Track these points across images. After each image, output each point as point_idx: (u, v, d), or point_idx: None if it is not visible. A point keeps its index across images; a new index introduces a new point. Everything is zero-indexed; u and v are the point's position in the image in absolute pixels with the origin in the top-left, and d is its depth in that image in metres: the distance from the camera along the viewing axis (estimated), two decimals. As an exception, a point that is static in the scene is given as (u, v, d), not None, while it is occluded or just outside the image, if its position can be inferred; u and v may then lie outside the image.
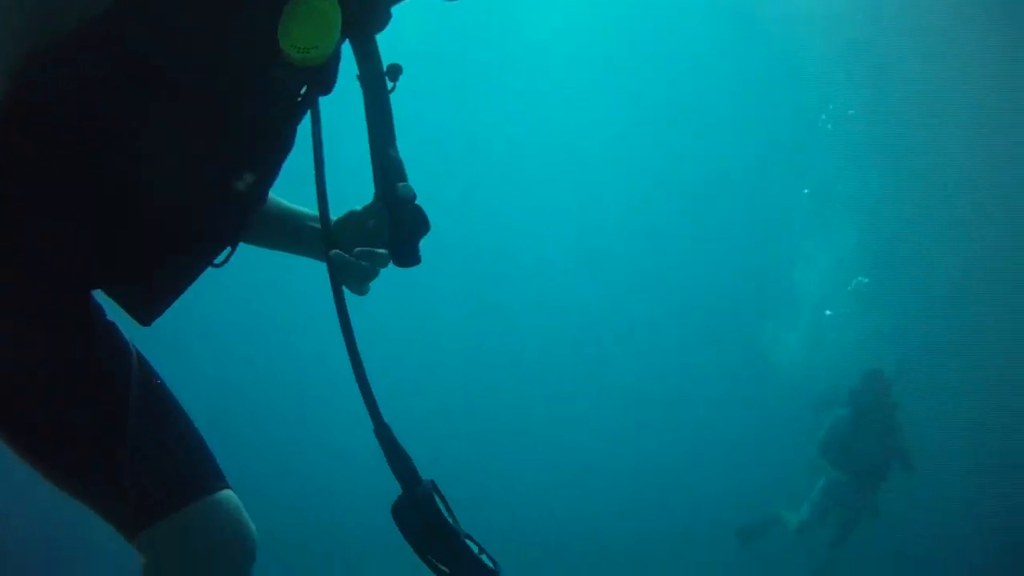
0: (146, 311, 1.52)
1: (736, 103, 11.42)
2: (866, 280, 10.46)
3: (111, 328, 1.51)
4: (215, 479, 1.50)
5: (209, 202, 1.49)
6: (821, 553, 8.06)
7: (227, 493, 1.50)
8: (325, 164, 1.57)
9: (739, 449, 10.31)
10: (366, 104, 1.63)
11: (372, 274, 1.63)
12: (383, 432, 1.49)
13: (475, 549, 1.47)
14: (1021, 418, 9.25)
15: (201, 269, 1.56)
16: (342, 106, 1.67)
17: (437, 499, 1.47)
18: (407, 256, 1.64)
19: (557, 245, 11.75)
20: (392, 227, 1.62)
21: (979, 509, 9.05)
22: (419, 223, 1.63)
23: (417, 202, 1.62)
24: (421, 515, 1.45)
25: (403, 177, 1.62)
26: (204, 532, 1.44)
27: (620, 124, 11.67)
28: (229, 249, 1.58)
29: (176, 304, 1.59)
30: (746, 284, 11.16)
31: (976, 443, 9.28)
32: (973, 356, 9.79)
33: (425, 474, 1.52)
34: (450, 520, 1.46)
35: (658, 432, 10.82)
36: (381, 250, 1.63)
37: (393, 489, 1.51)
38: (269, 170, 1.58)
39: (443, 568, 1.45)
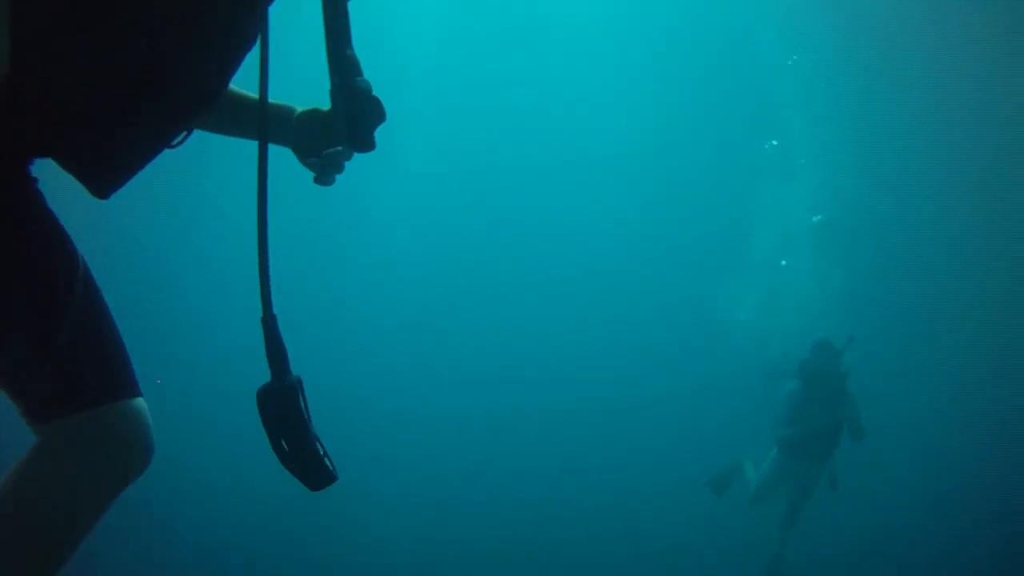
0: (99, 184, 1.54)
1: (701, 58, 11.16)
2: (820, 218, 10.36)
3: (57, 223, 1.53)
4: (134, 387, 1.54)
5: (172, 81, 1.52)
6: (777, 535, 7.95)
7: (142, 401, 1.55)
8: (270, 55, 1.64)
9: (700, 401, 10.25)
10: (324, 6, 1.71)
11: (330, 169, 1.80)
12: (270, 321, 1.58)
13: (321, 451, 1.56)
14: (977, 382, 9.15)
15: (158, 149, 1.59)
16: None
17: (300, 395, 1.56)
18: (363, 143, 1.75)
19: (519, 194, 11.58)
20: (348, 117, 1.72)
21: (937, 486, 9.00)
22: (376, 113, 1.73)
23: (374, 94, 1.73)
24: (281, 403, 1.54)
25: (359, 73, 1.72)
26: (119, 432, 1.48)
27: (586, 72, 11.50)
28: (185, 132, 1.63)
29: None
30: (708, 238, 11.08)
31: (935, 411, 9.17)
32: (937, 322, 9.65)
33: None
34: (305, 416, 1.55)
35: (619, 390, 10.72)
36: (336, 148, 1.78)
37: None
38: (231, 57, 1.64)
39: (289, 457, 1.54)
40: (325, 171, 1.81)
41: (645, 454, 10.19)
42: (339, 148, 1.78)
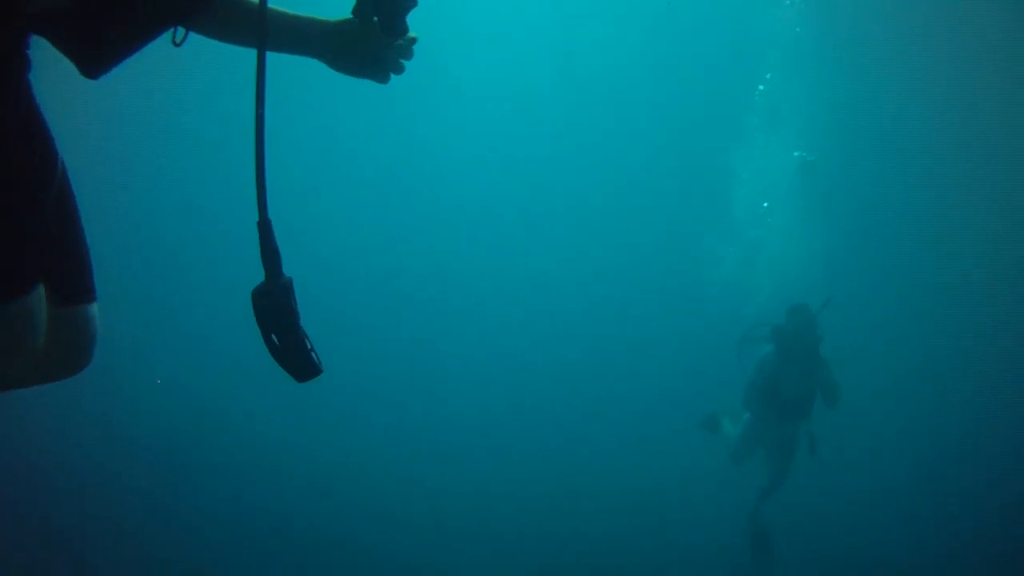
0: (91, 64, 1.54)
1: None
2: (799, 154, 10.18)
3: (43, 120, 1.50)
4: (93, 292, 1.64)
5: None
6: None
7: (96, 307, 1.65)
8: None
9: (683, 354, 10.17)
10: None
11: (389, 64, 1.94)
12: (265, 225, 1.67)
13: (308, 346, 1.68)
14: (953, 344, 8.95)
15: (153, 35, 1.58)
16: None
17: (291, 294, 1.66)
18: (395, 28, 1.87)
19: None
20: (377, 4, 1.84)
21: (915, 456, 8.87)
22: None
23: None
24: (273, 300, 1.64)
25: None
26: (78, 332, 1.58)
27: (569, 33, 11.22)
28: (184, 31, 1.63)
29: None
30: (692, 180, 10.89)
31: (916, 373, 9.01)
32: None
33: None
34: (295, 313, 1.66)
35: (603, 341, 10.73)
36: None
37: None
38: None
39: (279, 351, 1.66)
40: (381, 67, 1.93)
41: (630, 409, 10.12)
42: (381, 40, 1.88)
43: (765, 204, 10.35)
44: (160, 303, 10.18)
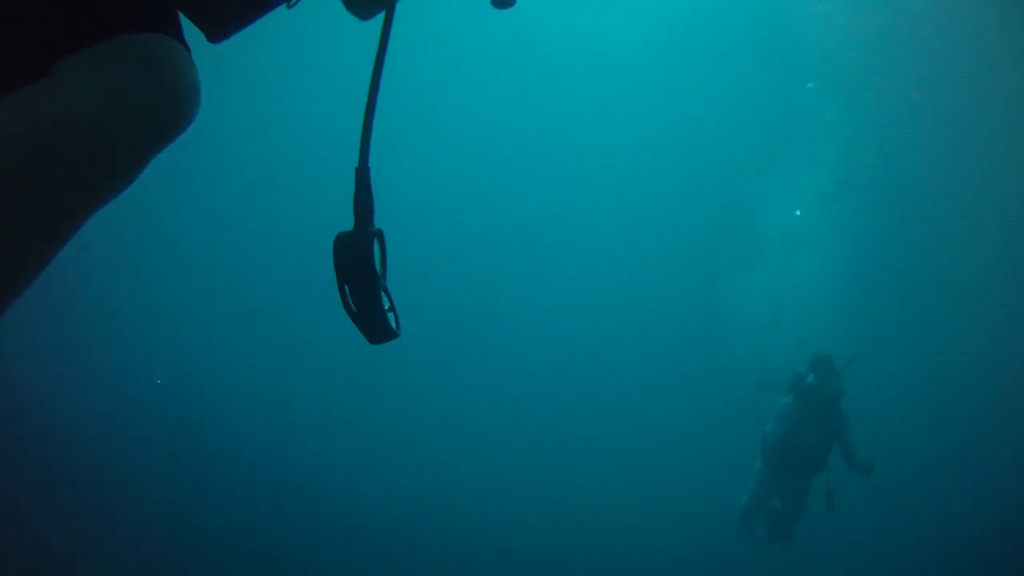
0: (215, 29, 1.48)
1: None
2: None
3: None
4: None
5: None
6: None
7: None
8: None
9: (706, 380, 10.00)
10: None
11: None
12: (363, 171, 1.59)
13: (387, 304, 1.55)
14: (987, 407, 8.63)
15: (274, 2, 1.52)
16: None
17: (376, 245, 1.56)
18: None
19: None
20: None
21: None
22: None
23: None
24: (354, 250, 1.54)
25: None
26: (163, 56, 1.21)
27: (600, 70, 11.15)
28: None
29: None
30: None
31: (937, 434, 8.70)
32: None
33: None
34: (377, 267, 1.54)
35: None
36: None
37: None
38: None
39: (352, 305, 1.53)
40: None
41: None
42: None
43: (798, 212, 10.10)
44: (159, 303, 10.07)
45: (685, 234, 10.94)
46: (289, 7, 1.55)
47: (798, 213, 10.11)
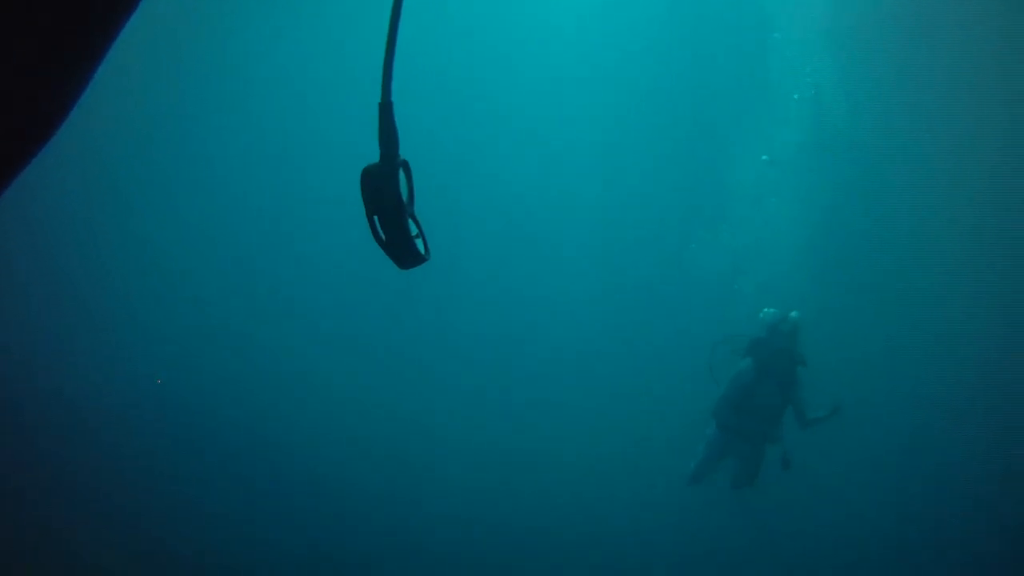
0: None
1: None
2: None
3: None
4: None
5: None
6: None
7: None
8: None
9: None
10: None
11: None
12: (386, 107, 1.63)
13: (414, 231, 1.62)
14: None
15: None
16: None
17: (403, 176, 1.63)
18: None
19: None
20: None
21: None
22: None
23: None
24: (380, 180, 1.60)
25: None
26: None
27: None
28: None
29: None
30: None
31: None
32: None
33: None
34: (403, 197, 1.61)
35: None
36: None
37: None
38: None
39: (381, 234, 1.60)
40: None
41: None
42: None
43: (765, 157, 10.03)
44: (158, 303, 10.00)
45: (652, 192, 10.75)
46: None
47: (765, 158, 9.85)
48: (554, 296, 10.86)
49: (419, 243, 1.65)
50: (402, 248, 1.64)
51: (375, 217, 1.62)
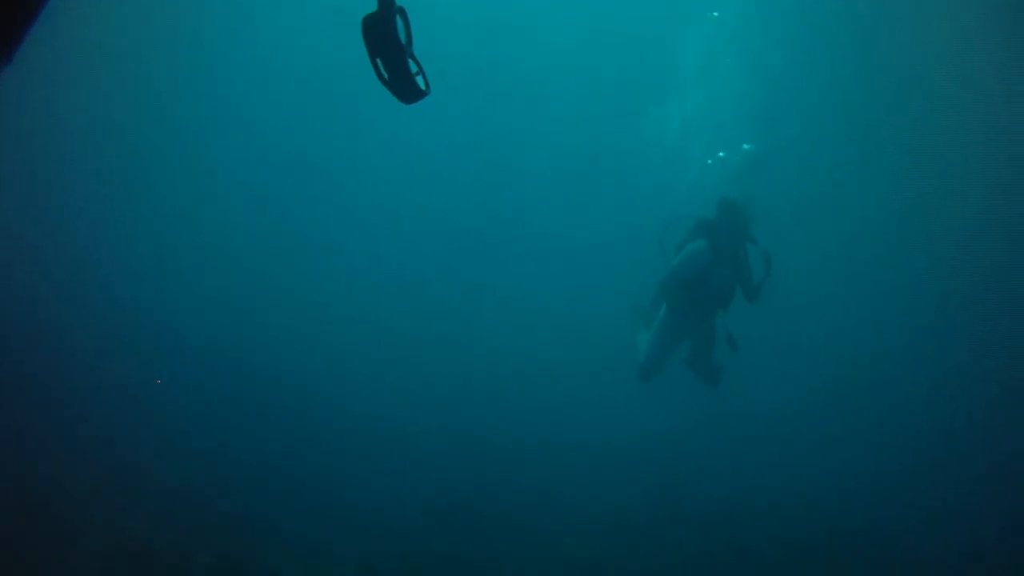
0: None
1: None
2: None
3: None
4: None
5: None
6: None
7: None
8: None
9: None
10: None
11: None
12: None
13: (414, 68, 1.73)
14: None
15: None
16: None
17: (400, 20, 1.72)
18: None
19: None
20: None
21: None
22: None
23: None
24: (379, 24, 1.69)
25: None
26: None
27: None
28: None
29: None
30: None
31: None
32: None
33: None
34: (403, 38, 1.72)
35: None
36: None
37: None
38: None
39: (384, 73, 1.70)
40: None
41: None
42: None
43: (715, 13, 9.67)
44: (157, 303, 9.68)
45: (603, 65, 10.39)
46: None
47: (716, 15, 9.43)
48: (515, 182, 10.70)
49: (419, 80, 1.72)
50: (404, 84, 1.72)
51: (377, 60, 1.69)
